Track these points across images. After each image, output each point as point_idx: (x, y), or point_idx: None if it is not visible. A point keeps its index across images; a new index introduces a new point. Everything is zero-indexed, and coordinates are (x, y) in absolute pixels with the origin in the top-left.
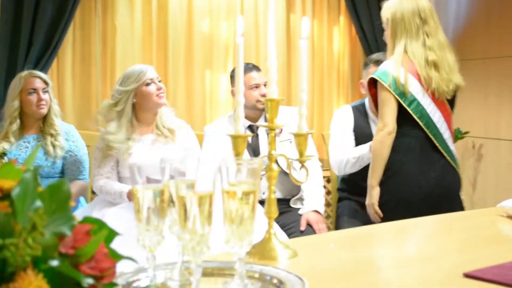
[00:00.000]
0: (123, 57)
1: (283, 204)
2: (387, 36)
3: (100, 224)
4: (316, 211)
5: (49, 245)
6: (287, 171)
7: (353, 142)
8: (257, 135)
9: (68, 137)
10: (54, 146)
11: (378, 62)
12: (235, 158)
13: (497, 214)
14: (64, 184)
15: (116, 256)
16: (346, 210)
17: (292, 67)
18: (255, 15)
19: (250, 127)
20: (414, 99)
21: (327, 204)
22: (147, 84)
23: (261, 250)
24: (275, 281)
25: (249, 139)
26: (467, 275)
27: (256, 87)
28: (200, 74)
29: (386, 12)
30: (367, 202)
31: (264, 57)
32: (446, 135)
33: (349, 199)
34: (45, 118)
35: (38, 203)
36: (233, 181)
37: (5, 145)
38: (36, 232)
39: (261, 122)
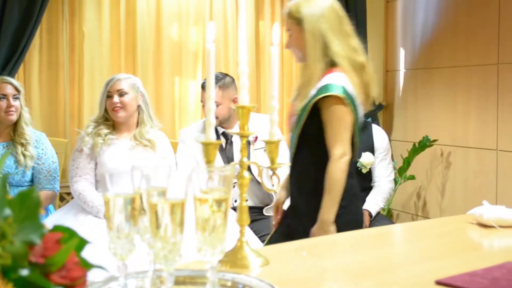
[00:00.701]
0: (91, 63)
1: (256, 211)
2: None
3: (70, 233)
4: None
5: (19, 254)
6: (259, 179)
7: None
8: (231, 143)
9: (38, 144)
10: (24, 155)
11: None
12: (207, 166)
13: (467, 221)
14: (34, 191)
15: (87, 265)
16: None
17: (261, 73)
18: (224, 21)
19: (224, 134)
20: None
21: None
22: (108, 96)
23: (233, 258)
24: None
25: (224, 146)
26: (439, 282)
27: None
28: (169, 80)
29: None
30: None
31: (233, 63)
32: None
33: None
34: (15, 126)
35: (8, 211)
36: (205, 188)
37: None
38: (5, 241)
39: (235, 129)
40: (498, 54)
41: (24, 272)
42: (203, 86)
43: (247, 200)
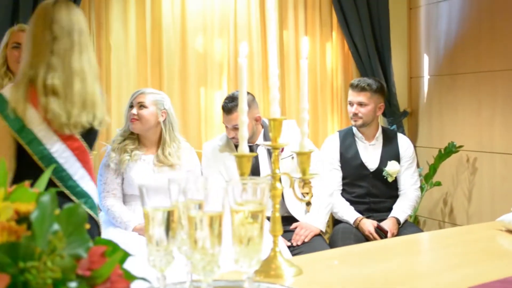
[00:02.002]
0: (118, 76)
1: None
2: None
3: (113, 246)
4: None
5: (68, 267)
6: (291, 190)
7: (337, 172)
8: (256, 156)
9: None
10: None
11: (352, 86)
12: (241, 178)
13: (496, 228)
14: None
15: (130, 277)
16: (341, 228)
17: (285, 83)
18: (249, 32)
19: (250, 147)
20: (34, 137)
21: None
22: (130, 107)
23: (267, 268)
24: None
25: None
26: None
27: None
28: (195, 91)
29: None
30: None
31: (258, 75)
32: (78, 175)
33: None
34: None
35: (56, 226)
36: (240, 200)
37: None
38: (55, 255)
39: (260, 141)
40: None
41: (72, 285)
42: (223, 108)
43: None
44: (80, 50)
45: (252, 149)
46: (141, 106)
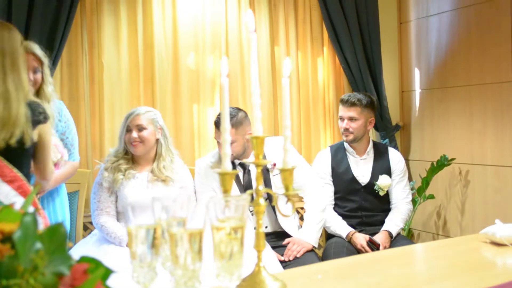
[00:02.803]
0: (111, 94)
1: (273, 237)
2: None
3: (96, 263)
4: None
5: (50, 285)
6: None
7: (329, 187)
8: (249, 172)
9: (61, 117)
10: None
11: (342, 101)
12: (224, 195)
13: (480, 240)
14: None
15: None
16: (333, 243)
17: (278, 98)
18: (240, 49)
19: (241, 165)
20: None
21: None
22: (127, 131)
23: (252, 283)
24: None
25: (241, 176)
26: None
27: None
28: (188, 108)
29: None
30: None
31: (249, 92)
32: None
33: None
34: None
35: (38, 245)
36: (222, 217)
37: None
38: (37, 273)
39: (252, 159)
40: None
41: None
42: (216, 124)
43: (266, 227)
44: (4, 72)
45: (244, 165)
46: (140, 128)
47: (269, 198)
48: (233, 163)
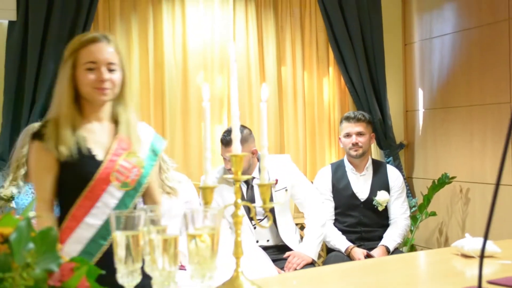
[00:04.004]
0: None
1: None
2: None
3: (84, 262)
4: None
5: (40, 279)
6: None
7: (330, 203)
8: (252, 187)
9: None
10: None
11: (348, 119)
12: (204, 207)
13: (451, 253)
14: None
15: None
16: (333, 256)
17: (284, 116)
18: (248, 67)
19: (245, 181)
20: None
21: None
22: None
23: (230, 287)
24: None
25: (245, 191)
26: None
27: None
28: (196, 126)
29: None
30: None
31: (257, 109)
32: None
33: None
34: None
35: (31, 245)
36: (200, 226)
37: (13, 190)
38: (29, 268)
39: (255, 174)
40: (511, 93)
41: None
42: (222, 141)
43: (268, 241)
44: None
45: (247, 181)
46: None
47: (272, 211)
48: None
